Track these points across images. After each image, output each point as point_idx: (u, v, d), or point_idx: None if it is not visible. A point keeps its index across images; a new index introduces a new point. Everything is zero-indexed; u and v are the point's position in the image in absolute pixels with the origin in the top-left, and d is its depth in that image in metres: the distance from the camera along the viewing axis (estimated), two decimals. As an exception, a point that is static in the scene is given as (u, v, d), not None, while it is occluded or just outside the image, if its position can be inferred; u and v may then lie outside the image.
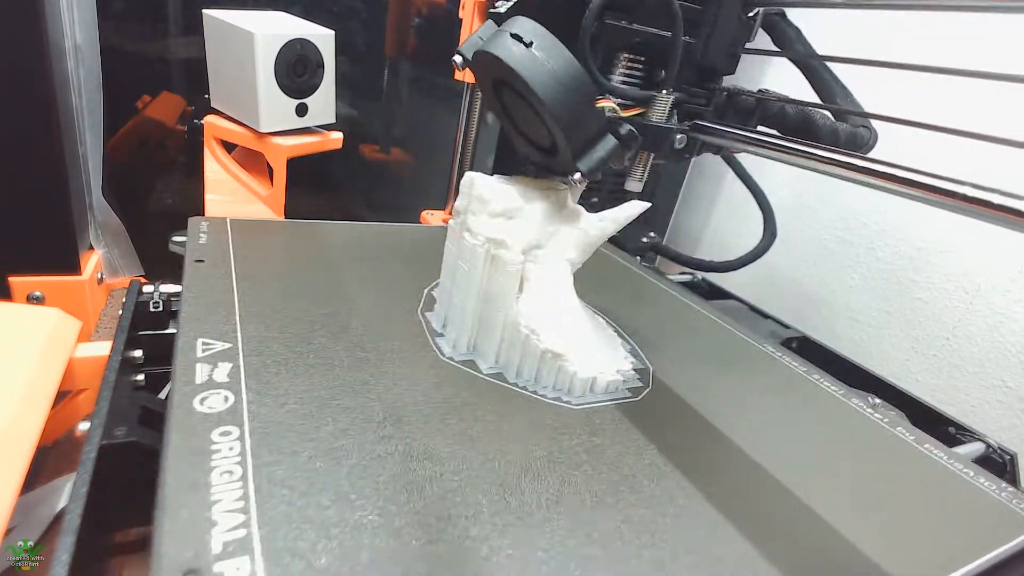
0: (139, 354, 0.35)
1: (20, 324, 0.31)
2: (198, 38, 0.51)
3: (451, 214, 0.71)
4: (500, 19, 0.28)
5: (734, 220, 0.83)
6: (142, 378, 0.35)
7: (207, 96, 0.54)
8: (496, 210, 0.30)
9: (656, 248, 0.69)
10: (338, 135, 0.57)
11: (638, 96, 0.30)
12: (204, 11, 0.50)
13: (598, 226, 0.33)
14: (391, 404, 0.26)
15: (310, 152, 0.54)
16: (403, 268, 0.41)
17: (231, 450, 0.21)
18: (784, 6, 0.33)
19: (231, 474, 0.20)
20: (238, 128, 0.53)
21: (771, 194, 0.61)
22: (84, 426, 0.26)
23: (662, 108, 0.30)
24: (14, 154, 0.42)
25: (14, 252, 0.45)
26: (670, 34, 0.29)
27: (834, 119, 0.34)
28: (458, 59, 0.30)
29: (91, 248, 0.53)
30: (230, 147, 0.56)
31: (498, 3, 0.30)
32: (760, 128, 0.33)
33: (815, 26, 0.36)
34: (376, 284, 0.38)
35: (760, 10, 0.31)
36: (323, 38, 0.51)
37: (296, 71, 0.50)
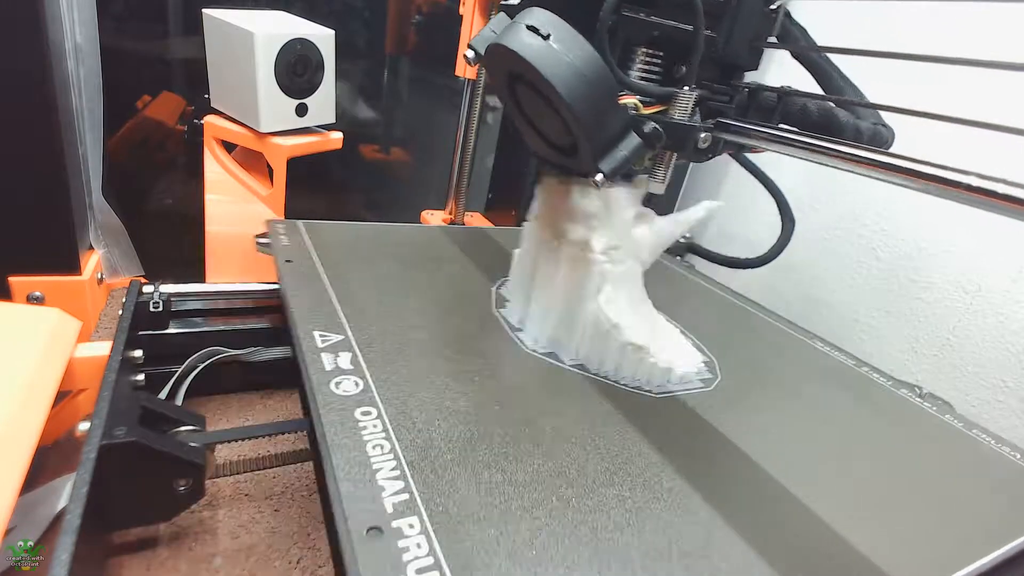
0: (139, 354, 0.35)
1: (20, 324, 0.31)
2: (198, 38, 0.51)
3: (451, 214, 0.71)
4: (513, 12, 0.27)
5: (735, 219, 0.83)
6: (142, 378, 0.35)
7: (207, 96, 0.54)
8: (581, 214, 0.32)
9: (692, 248, 0.71)
10: (338, 135, 0.57)
11: (659, 93, 0.29)
12: (204, 11, 0.50)
13: (668, 229, 0.34)
14: (494, 389, 0.30)
15: (310, 152, 0.55)
16: (465, 268, 0.45)
17: (375, 427, 0.25)
18: None
19: (382, 448, 0.24)
20: (238, 128, 0.53)
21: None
22: (84, 426, 0.26)
23: (685, 105, 0.28)
24: (14, 154, 0.42)
25: (14, 252, 0.45)
26: (690, 27, 0.28)
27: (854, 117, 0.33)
28: (470, 54, 0.29)
29: (91, 248, 0.53)
30: (230, 147, 0.56)
31: None
32: (781, 125, 0.32)
33: (812, 26, 0.36)
34: (447, 283, 0.41)
35: (782, 3, 0.30)
36: (323, 38, 0.51)
37: (296, 71, 0.50)
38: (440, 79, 0.82)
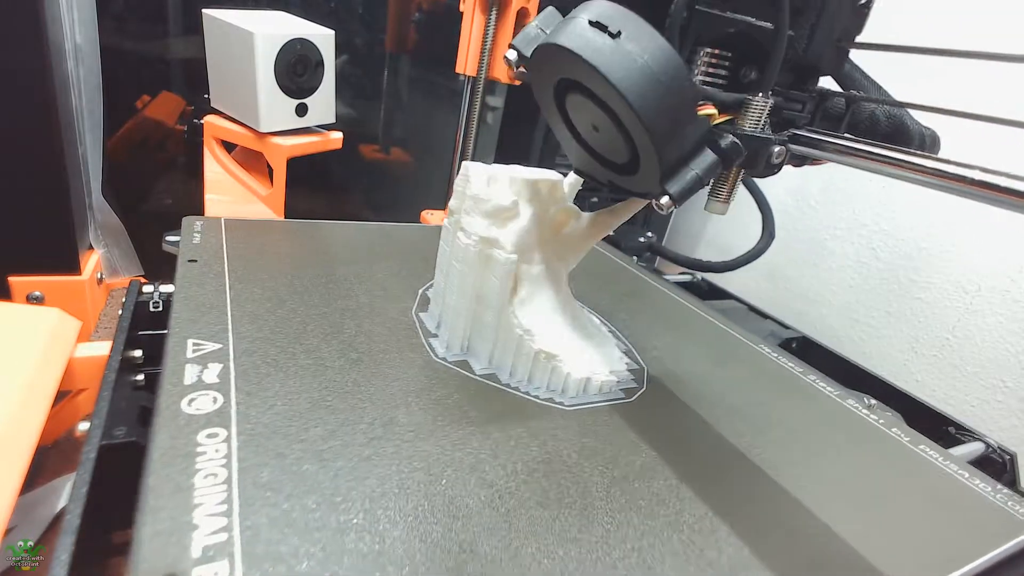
0: (139, 354, 0.35)
1: (20, 324, 0.31)
2: (198, 38, 0.51)
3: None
4: (564, 6, 0.24)
5: (733, 221, 0.83)
6: (142, 378, 0.35)
7: (207, 96, 0.54)
8: (490, 209, 0.29)
9: (653, 248, 0.69)
10: (338, 135, 0.57)
11: (728, 100, 0.25)
12: (204, 11, 0.50)
13: (594, 225, 0.32)
14: (382, 406, 0.26)
15: (310, 152, 0.55)
16: (398, 268, 0.41)
17: (217, 452, 0.21)
18: None
19: (215, 476, 0.20)
20: (238, 128, 0.53)
21: (771, 194, 0.62)
22: (84, 426, 0.26)
23: (757, 115, 0.24)
24: (14, 154, 0.42)
25: (14, 252, 0.45)
26: (770, 25, 0.24)
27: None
28: (512, 55, 0.26)
29: (91, 248, 0.53)
30: (230, 147, 0.56)
31: None
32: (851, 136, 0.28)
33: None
34: (370, 284, 0.38)
35: None
36: (323, 38, 0.51)
37: (296, 71, 0.50)
38: (440, 79, 0.82)
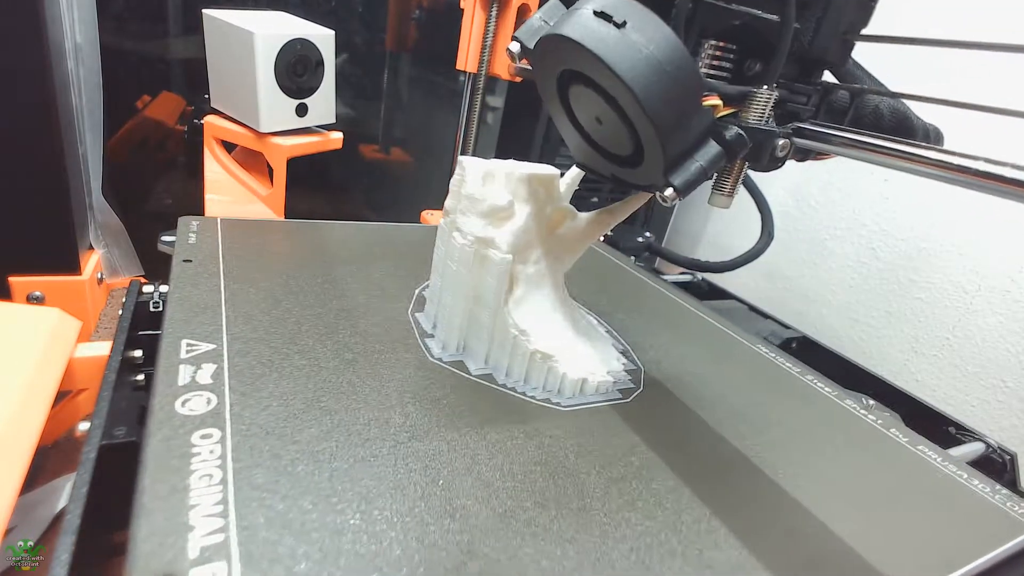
0: (139, 354, 0.35)
1: (20, 324, 0.31)
2: (198, 38, 0.51)
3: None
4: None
5: (734, 221, 0.83)
6: (142, 378, 0.35)
7: (207, 96, 0.54)
8: (486, 209, 0.29)
9: (651, 248, 0.68)
10: (338, 135, 0.57)
11: (732, 92, 0.25)
12: (204, 11, 0.50)
13: (591, 224, 0.31)
14: (377, 406, 0.26)
15: (310, 152, 0.55)
16: (395, 268, 0.41)
17: (211, 453, 0.21)
18: None
19: (211, 477, 0.20)
20: (238, 128, 0.53)
21: (771, 194, 0.62)
22: (84, 426, 0.26)
23: (762, 107, 0.25)
24: (14, 154, 0.42)
25: (14, 252, 0.45)
26: (776, 17, 0.24)
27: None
28: (514, 47, 0.26)
29: (91, 248, 0.53)
30: (230, 147, 0.56)
31: None
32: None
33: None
34: (366, 284, 0.37)
35: None
36: (323, 38, 0.51)
37: (296, 71, 0.50)
38: (441, 78, 0.82)
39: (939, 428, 0.42)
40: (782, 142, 0.26)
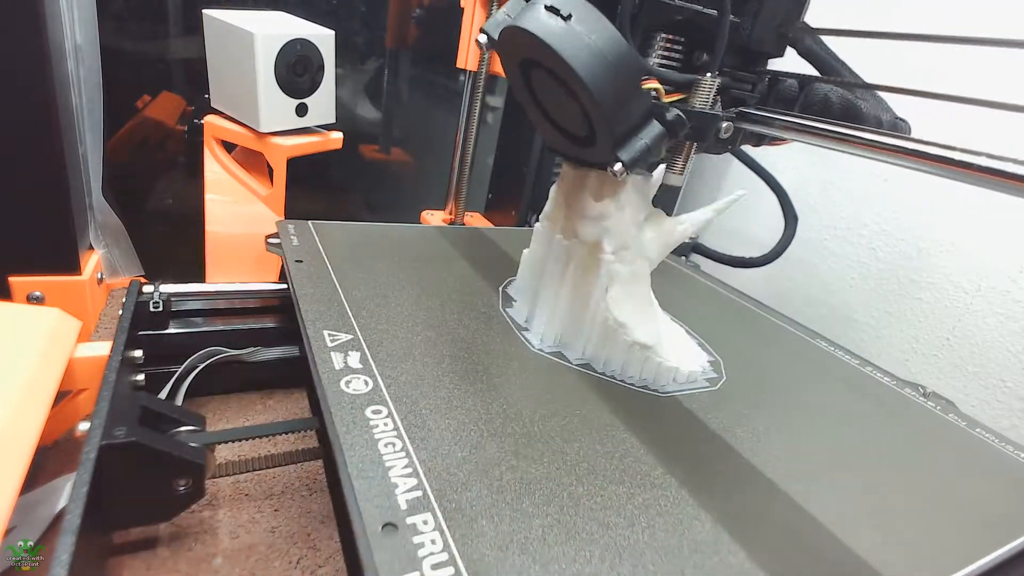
0: (139, 354, 0.35)
1: (20, 324, 0.31)
2: (198, 38, 0.51)
3: (451, 214, 0.71)
4: None
5: (735, 218, 0.83)
6: (142, 378, 0.35)
7: (207, 96, 0.54)
8: (593, 214, 0.32)
9: (697, 248, 0.71)
10: (338, 135, 0.57)
11: (680, 80, 0.28)
12: (204, 11, 0.50)
13: (679, 229, 0.35)
14: (502, 388, 0.30)
15: (310, 152, 0.55)
16: (471, 268, 0.45)
17: (386, 425, 0.25)
18: None
19: (393, 445, 0.24)
20: (238, 128, 0.53)
21: (770, 194, 0.62)
22: (84, 426, 0.26)
23: (706, 93, 0.27)
24: (14, 154, 0.42)
25: (14, 252, 0.45)
26: (715, 12, 0.27)
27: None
28: (482, 39, 0.28)
29: (91, 248, 0.53)
30: (230, 147, 0.56)
31: None
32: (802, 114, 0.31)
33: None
34: (453, 282, 0.42)
35: None
36: (323, 38, 0.51)
37: (296, 71, 0.50)
38: (441, 78, 0.82)
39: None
40: (725, 125, 0.29)
